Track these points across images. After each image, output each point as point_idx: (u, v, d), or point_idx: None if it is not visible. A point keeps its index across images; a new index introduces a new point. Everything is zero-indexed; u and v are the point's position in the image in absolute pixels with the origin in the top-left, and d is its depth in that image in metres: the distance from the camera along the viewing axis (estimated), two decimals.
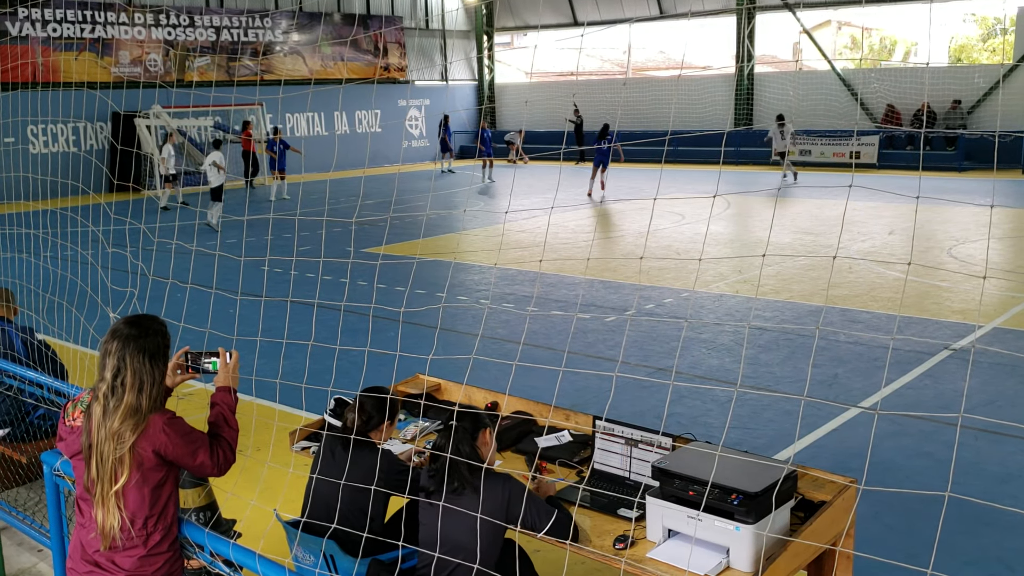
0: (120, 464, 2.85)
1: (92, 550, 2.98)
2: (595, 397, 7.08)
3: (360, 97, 30.60)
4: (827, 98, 27.16)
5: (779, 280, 11.58)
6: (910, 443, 6.33)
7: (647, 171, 25.87)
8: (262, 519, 4.25)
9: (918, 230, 15.19)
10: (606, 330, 9.54)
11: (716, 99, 29.08)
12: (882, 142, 25.26)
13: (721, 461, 3.27)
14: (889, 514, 5.24)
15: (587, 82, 33.63)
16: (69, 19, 23.76)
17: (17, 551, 5.10)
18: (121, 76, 24.53)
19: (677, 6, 30.63)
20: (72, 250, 10.46)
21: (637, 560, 3.24)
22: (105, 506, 2.87)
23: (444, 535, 3.36)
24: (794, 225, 15.78)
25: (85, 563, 3.00)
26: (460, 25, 34.83)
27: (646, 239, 14.85)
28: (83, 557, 3.01)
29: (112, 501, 2.86)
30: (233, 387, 3.21)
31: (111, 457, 2.85)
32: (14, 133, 21.87)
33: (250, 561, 2.92)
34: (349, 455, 3.76)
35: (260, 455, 6.06)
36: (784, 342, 8.89)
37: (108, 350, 2.92)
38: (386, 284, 11.21)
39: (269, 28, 28.55)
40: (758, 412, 7.02)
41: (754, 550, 3.10)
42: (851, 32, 39.42)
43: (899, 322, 9.47)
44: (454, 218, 18.17)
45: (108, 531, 2.89)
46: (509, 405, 4.72)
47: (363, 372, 4.81)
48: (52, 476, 3.80)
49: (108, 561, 2.97)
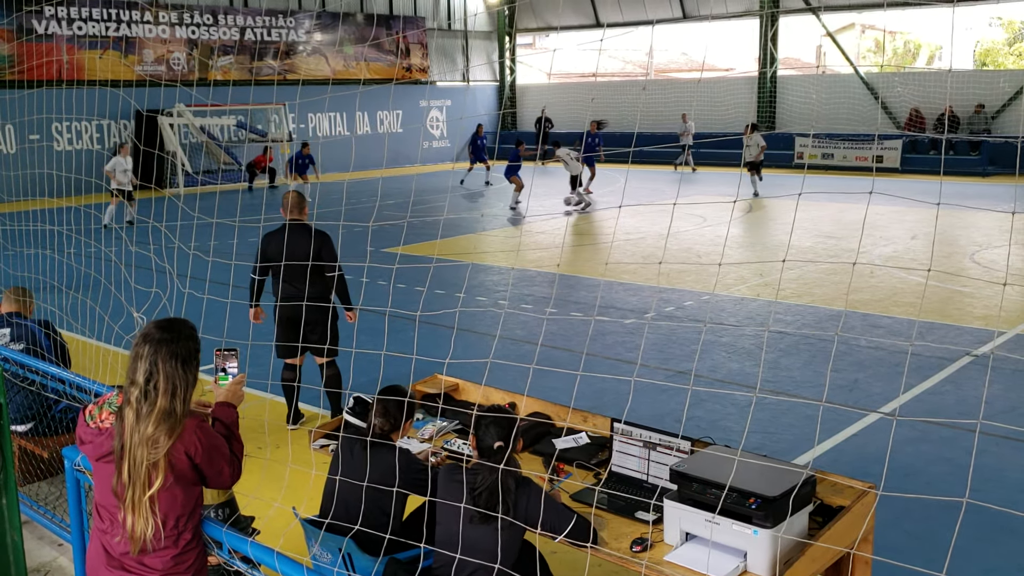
0: (154, 469, 2.82)
1: (118, 553, 2.94)
2: (614, 399, 7.07)
3: (382, 97, 30.70)
4: (850, 101, 26.99)
5: (800, 284, 11.51)
6: (931, 449, 6.28)
7: (668, 173, 25.81)
8: (281, 517, 4.27)
9: (941, 235, 15.07)
10: (625, 332, 9.52)
11: (738, 101, 28.96)
12: (905, 146, 25.05)
13: (740, 465, 3.25)
14: (909, 520, 5.19)
15: (608, 83, 33.58)
16: (94, 17, 23.98)
17: (38, 545, 5.15)
18: (145, 75, 24.73)
19: (700, 8, 30.53)
20: (95, 247, 10.55)
21: (655, 563, 3.23)
22: (137, 511, 2.84)
23: (463, 536, 3.36)
24: (816, 229, 15.68)
25: (111, 568, 2.96)
26: (482, 26, 34.87)
27: (665, 242, 14.81)
28: (108, 563, 2.96)
29: (145, 506, 2.84)
30: (235, 404, 3.20)
31: (145, 462, 2.81)
32: (39, 130, 22.11)
33: (268, 558, 2.92)
34: (369, 454, 3.77)
35: (279, 453, 6.09)
36: (805, 346, 8.84)
37: (139, 354, 2.88)
38: (405, 284, 11.24)
39: (292, 28, 28.70)
40: (778, 416, 6.98)
41: (771, 554, 3.09)
42: (875, 35, 39.14)
43: (921, 327, 9.39)
44: (473, 219, 18.19)
45: (139, 536, 2.86)
46: (527, 406, 4.73)
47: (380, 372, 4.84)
48: (73, 471, 3.83)
49: (138, 564, 2.94)
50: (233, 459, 3.04)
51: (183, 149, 23.88)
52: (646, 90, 30.95)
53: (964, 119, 25.24)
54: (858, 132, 25.95)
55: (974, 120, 25.02)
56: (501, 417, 3.56)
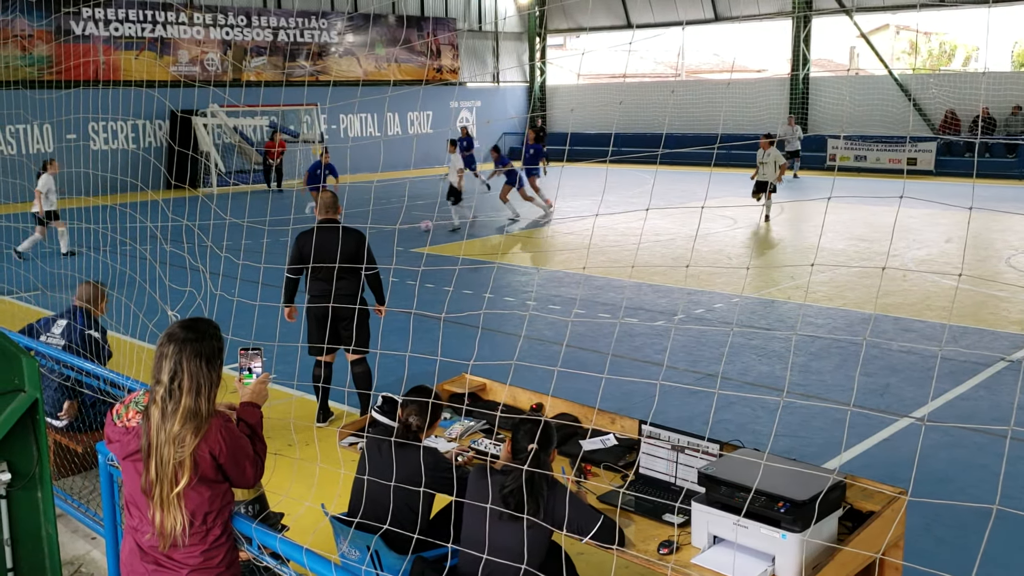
0: (180, 467, 2.86)
1: (150, 548, 2.98)
2: (642, 401, 7.05)
3: (412, 99, 30.82)
4: (884, 103, 26.69)
5: (832, 287, 11.41)
6: (964, 455, 6.20)
7: (698, 174, 25.67)
8: (310, 514, 4.30)
9: (976, 239, 14.86)
10: (654, 334, 9.49)
11: (770, 103, 28.76)
12: (940, 148, 24.74)
13: (769, 469, 3.24)
14: (940, 527, 5.13)
15: (639, 84, 33.48)
16: (131, 19, 24.31)
17: (72, 538, 5.22)
18: (179, 75, 25.03)
19: (732, 9, 30.35)
20: (130, 246, 10.70)
21: (682, 565, 3.23)
22: (165, 508, 2.88)
23: (491, 536, 3.37)
24: (848, 231, 15.53)
25: (145, 564, 3.00)
26: (513, 27, 34.91)
27: (693, 243, 14.74)
28: (142, 559, 3.01)
29: (173, 503, 2.87)
30: (260, 403, 3.22)
31: (171, 460, 2.85)
32: (76, 130, 22.45)
33: (297, 555, 2.95)
34: (397, 452, 3.79)
35: (308, 451, 6.14)
36: (836, 350, 8.76)
37: (164, 353, 2.91)
38: (434, 284, 11.28)
39: (325, 29, 28.91)
40: (808, 420, 6.93)
41: (800, 559, 3.07)
42: (909, 37, 38.68)
43: (955, 332, 9.27)
44: (501, 220, 18.20)
45: (168, 532, 2.90)
46: (554, 407, 4.73)
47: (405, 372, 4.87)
48: (107, 466, 3.89)
49: (169, 559, 2.98)
50: (256, 459, 3.07)
51: (215, 149, 24.14)
52: (675, 92, 30.81)
53: (1001, 121, 24.87)
54: (891, 134, 25.67)
55: (1011, 122, 24.64)
56: (536, 422, 3.56)
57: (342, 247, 6.39)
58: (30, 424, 3.73)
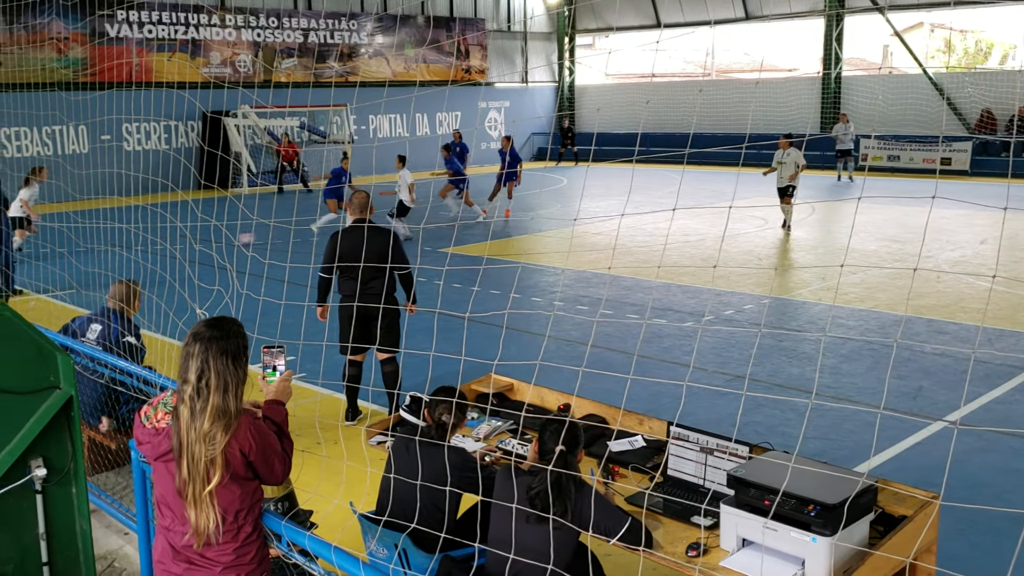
0: (212, 465, 2.88)
1: (183, 548, 3.02)
2: (670, 402, 7.01)
3: (441, 99, 30.88)
4: (918, 102, 26.36)
5: (864, 288, 11.29)
6: (998, 460, 6.11)
7: (727, 174, 25.51)
8: (338, 512, 4.32)
9: (1012, 240, 14.63)
10: (683, 335, 9.44)
11: (801, 102, 28.50)
12: (976, 148, 24.39)
13: (799, 472, 3.21)
14: (974, 532, 5.06)
15: (668, 83, 33.32)
16: (163, 21, 24.59)
17: (105, 533, 5.29)
18: (211, 77, 25.27)
19: (763, 8, 30.13)
20: (161, 245, 10.81)
21: (710, 568, 3.21)
22: (199, 506, 2.90)
23: (518, 536, 3.37)
24: (880, 232, 15.36)
25: (178, 563, 3.03)
26: (541, 27, 34.88)
27: (721, 244, 14.65)
28: (175, 558, 3.04)
29: (206, 501, 2.90)
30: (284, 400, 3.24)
31: (203, 459, 2.87)
32: (110, 131, 22.76)
33: (326, 552, 2.97)
34: (424, 451, 3.80)
35: (335, 449, 6.17)
36: (868, 352, 8.66)
37: (190, 352, 2.93)
38: (461, 284, 11.30)
39: (354, 31, 29.06)
40: (839, 423, 6.86)
41: (830, 562, 3.04)
42: (944, 35, 38.18)
43: (989, 335, 9.14)
44: (528, 219, 18.20)
45: (203, 530, 2.93)
46: (581, 407, 4.72)
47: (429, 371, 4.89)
48: (139, 462, 3.93)
49: (201, 557, 3.01)
50: (284, 456, 3.08)
51: (247, 150, 24.35)
52: (703, 92, 30.64)
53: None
54: (925, 134, 25.35)
55: None
56: (563, 422, 3.56)
57: (374, 247, 6.43)
58: (65, 421, 3.78)
